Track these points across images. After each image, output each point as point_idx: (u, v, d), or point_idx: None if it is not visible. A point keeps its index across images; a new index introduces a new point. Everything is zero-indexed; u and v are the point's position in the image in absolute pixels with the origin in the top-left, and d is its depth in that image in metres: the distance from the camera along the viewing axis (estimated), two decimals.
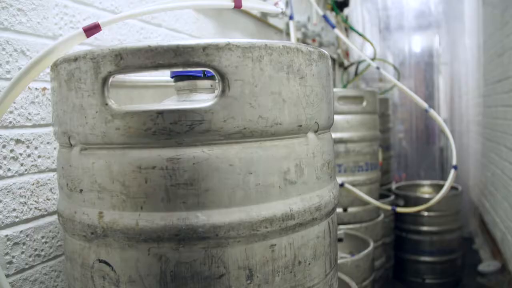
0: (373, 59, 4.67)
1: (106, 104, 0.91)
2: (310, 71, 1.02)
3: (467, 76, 6.44)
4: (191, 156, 0.90)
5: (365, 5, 6.32)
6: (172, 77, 1.21)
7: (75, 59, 0.94)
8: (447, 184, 2.73)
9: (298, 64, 0.99)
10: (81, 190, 0.98)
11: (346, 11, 5.33)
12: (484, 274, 4.45)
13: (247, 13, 2.76)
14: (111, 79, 0.92)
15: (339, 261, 2.49)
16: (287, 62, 0.96)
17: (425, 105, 2.83)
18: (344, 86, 5.07)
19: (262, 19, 2.94)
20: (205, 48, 0.88)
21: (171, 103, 1.05)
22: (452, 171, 2.71)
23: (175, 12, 2.08)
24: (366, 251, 2.60)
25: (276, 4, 2.01)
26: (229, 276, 0.93)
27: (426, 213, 4.41)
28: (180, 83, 1.19)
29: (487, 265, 4.56)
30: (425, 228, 4.45)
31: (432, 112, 2.80)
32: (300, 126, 1.00)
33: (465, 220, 5.83)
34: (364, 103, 3.10)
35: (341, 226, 3.05)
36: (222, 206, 0.92)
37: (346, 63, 5.39)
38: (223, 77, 0.89)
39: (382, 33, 6.44)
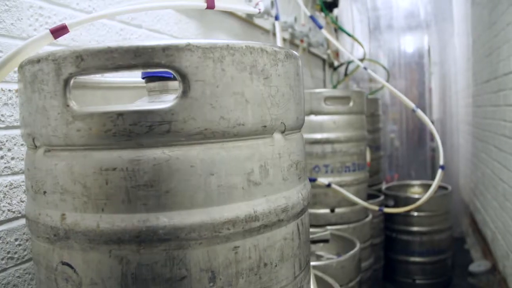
0: (362, 59, 4.68)
1: (68, 106, 0.91)
2: (275, 71, 1.01)
3: (457, 76, 6.45)
4: (151, 158, 0.89)
5: (355, 6, 6.33)
6: (143, 78, 1.20)
7: (38, 60, 0.94)
8: (434, 184, 2.74)
9: (263, 64, 0.98)
10: (44, 192, 0.97)
11: (335, 11, 5.33)
12: (474, 274, 4.45)
13: (232, 14, 2.76)
14: (72, 81, 0.91)
15: (324, 263, 2.49)
16: (250, 62, 0.96)
17: (412, 105, 2.84)
18: (334, 87, 5.08)
19: (248, 20, 2.94)
20: (165, 49, 0.88)
21: (135, 104, 1.05)
22: (439, 171, 2.71)
23: (156, 13, 2.08)
24: (352, 252, 2.60)
25: (256, 4, 2.01)
26: (191, 279, 0.93)
27: (416, 213, 4.41)
28: (151, 84, 1.19)
29: (478, 265, 4.56)
30: (415, 229, 4.45)
31: (419, 112, 2.80)
32: (265, 126, 1.00)
33: (457, 220, 5.84)
34: (351, 104, 3.10)
35: (329, 227, 3.03)
36: (183, 208, 0.92)
37: (336, 63, 5.38)
38: (183, 78, 0.89)
39: (374, 34, 6.44)
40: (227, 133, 0.94)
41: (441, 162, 2.72)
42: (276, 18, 2.59)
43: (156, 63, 0.88)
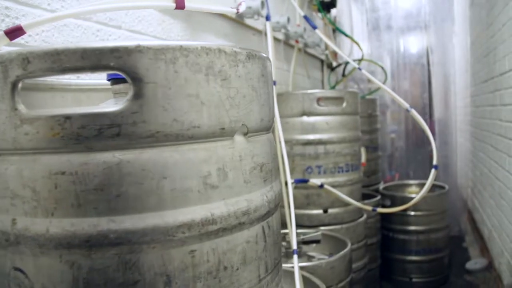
0: (360, 60, 4.66)
1: (16, 109, 0.89)
2: (235, 72, 1.00)
3: (457, 77, 6.42)
4: (101, 161, 0.88)
5: (355, 6, 6.30)
6: (108, 80, 1.19)
7: None
8: (428, 184, 2.73)
9: (220, 65, 0.97)
10: None
11: (334, 11, 5.31)
12: (471, 272, 4.45)
13: (221, 15, 2.74)
14: (20, 84, 0.89)
15: (313, 263, 2.47)
16: (206, 63, 0.94)
17: (406, 105, 2.83)
18: (332, 87, 5.06)
19: (238, 20, 2.92)
20: (113, 50, 0.86)
21: (84, 107, 1.03)
22: (432, 171, 2.71)
23: (137, 14, 2.06)
24: (341, 252, 2.58)
25: (239, 4, 1.99)
26: (144, 283, 0.91)
27: (412, 213, 4.40)
28: (116, 87, 1.17)
29: (475, 262, 4.56)
30: (411, 228, 4.44)
31: (413, 112, 2.79)
32: (223, 129, 0.98)
33: (456, 218, 5.82)
34: (344, 104, 3.08)
35: (322, 228, 3.02)
36: (135, 212, 0.90)
37: (334, 64, 5.36)
38: (134, 80, 0.87)
39: (375, 34, 6.41)
40: (181, 136, 0.92)
41: (435, 161, 2.71)
42: (267, 18, 2.56)
43: (104, 65, 0.86)
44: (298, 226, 3.00)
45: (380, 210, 3.16)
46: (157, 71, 0.88)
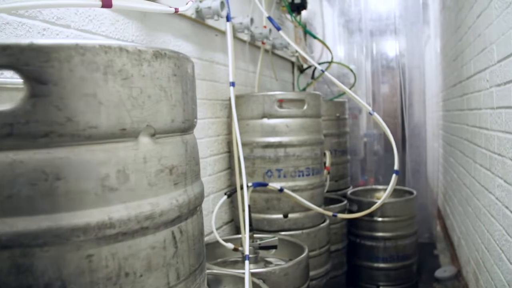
0: (330, 62, 4.65)
1: None
2: (139, 71, 0.97)
3: (432, 80, 6.43)
4: None
5: (332, 9, 6.29)
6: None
7: None
8: (388, 190, 2.70)
9: (121, 64, 0.94)
10: None
11: (305, 13, 5.29)
12: (440, 280, 4.44)
13: (180, 14, 2.70)
14: None
15: (265, 269, 2.44)
16: (104, 62, 0.91)
17: (369, 108, 2.81)
18: (303, 90, 5.04)
19: (199, 21, 2.88)
20: (5, 48, 0.84)
21: None
22: (393, 176, 2.67)
23: (87, 13, 2.02)
24: (296, 259, 2.54)
25: (187, 3, 1.96)
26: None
27: (380, 219, 4.38)
28: None
29: (444, 270, 4.55)
30: (379, 234, 4.41)
31: (376, 115, 2.77)
32: (124, 129, 0.95)
33: (428, 224, 5.82)
34: (305, 107, 3.05)
35: (282, 233, 2.99)
36: (28, 214, 0.87)
37: (305, 66, 5.35)
38: (27, 79, 0.85)
39: (353, 37, 6.39)
40: (77, 136, 0.89)
41: (396, 167, 2.68)
42: (227, 19, 2.53)
43: None
44: (258, 230, 2.98)
45: (341, 215, 3.14)
46: (50, 69, 0.86)
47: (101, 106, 0.91)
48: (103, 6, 1.27)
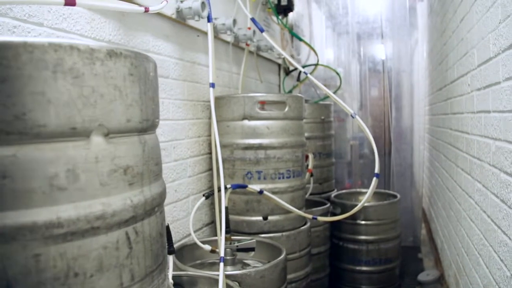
0: (316, 65, 4.65)
1: None
2: (91, 70, 0.96)
3: (420, 84, 6.44)
4: None
5: (321, 11, 6.28)
6: None
7: None
8: (369, 192, 2.71)
9: (72, 63, 0.93)
10: None
11: (293, 16, 5.29)
12: (423, 284, 4.43)
13: (160, 14, 2.69)
14: None
15: (241, 272, 2.42)
16: (54, 60, 0.91)
17: (351, 111, 2.80)
18: (289, 92, 5.04)
19: (179, 21, 2.87)
20: None
21: None
22: (374, 179, 2.67)
23: (61, 11, 2.01)
24: (273, 261, 2.53)
25: (161, 2, 1.95)
26: None
27: (363, 222, 4.38)
28: None
29: (427, 274, 4.55)
30: (361, 237, 4.41)
31: (358, 118, 2.77)
32: (74, 128, 0.94)
33: (413, 228, 5.83)
34: (287, 109, 3.04)
35: (262, 235, 2.98)
36: None
37: (291, 68, 5.34)
38: None
39: (342, 40, 6.38)
40: (25, 135, 0.89)
41: (376, 170, 2.69)
42: (209, 19, 2.52)
43: None
44: (237, 233, 2.97)
45: (320, 218, 3.13)
46: None
47: (50, 104, 0.90)
48: (66, 4, 1.26)
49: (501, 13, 2.14)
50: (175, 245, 2.70)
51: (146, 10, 1.62)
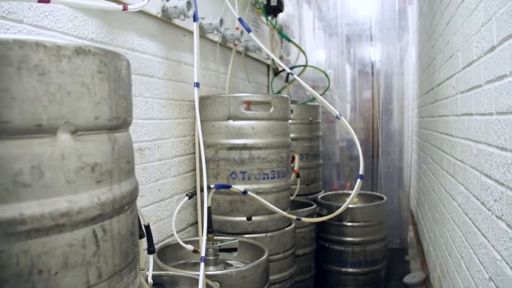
0: (305, 66, 4.65)
1: None
2: (58, 67, 0.96)
3: (409, 87, 6.45)
4: None
5: (312, 12, 6.29)
6: None
7: None
8: (352, 194, 2.70)
9: (37, 59, 0.92)
10: None
11: (283, 16, 5.29)
12: (408, 286, 4.43)
13: (145, 13, 2.69)
14: None
15: (222, 272, 2.42)
16: (18, 57, 0.90)
17: (336, 112, 2.80)
18: (278, 93, 5.04)
19: (166, 20, 2.86)
20: None
21: None
22: (358, 181, 2.67)
23: (42, 8, 2.00)
24: (255, 262, 2.53)
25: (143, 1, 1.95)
26: None
27: (349, 223, 4.38)
28: None
29: (412, 276, 4.55)
30: (347, 239, 4.41)
31: (343, 119, 2.76)
32: (40, 125, 0.93)
33: (400, 230, 5.84)
34: (272, 109, 3.04)
35: (246, 236, 2.98)
36: None
37: (280, 69, 5.35)
38: None
39: (335, 42, 6.38)
40: None
41: (361, 171, 2.69)
42: (194, 19, 2.52)
43: None
44: (221, 233, 2.97)
45: (305, 219, 3.13)
46: None
47: (14, 101, 0.90)
48: (40, 1, 1.25)
49: (483, 16, 2.15)
50: (159, 245, 2.70)
51: (125, 9, 1.61)
